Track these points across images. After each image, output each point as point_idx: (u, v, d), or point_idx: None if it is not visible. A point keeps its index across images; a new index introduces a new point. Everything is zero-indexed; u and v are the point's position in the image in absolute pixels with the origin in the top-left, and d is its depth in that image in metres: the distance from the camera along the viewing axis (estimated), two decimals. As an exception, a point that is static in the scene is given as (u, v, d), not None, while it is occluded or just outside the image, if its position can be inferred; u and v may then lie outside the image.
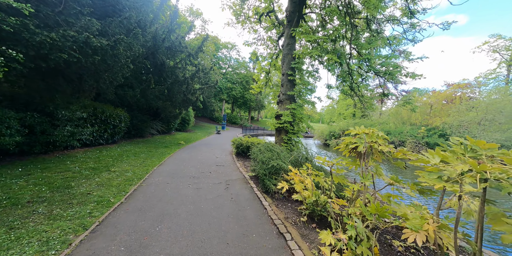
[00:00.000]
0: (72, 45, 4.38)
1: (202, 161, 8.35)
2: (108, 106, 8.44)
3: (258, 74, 12.11)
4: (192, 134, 19.58)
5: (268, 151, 6.01)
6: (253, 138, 12.08)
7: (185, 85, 13.23)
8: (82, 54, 4.58)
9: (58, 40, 4.05)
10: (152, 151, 9.12)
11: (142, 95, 11.03)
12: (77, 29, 4.44)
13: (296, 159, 5.83)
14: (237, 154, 10.64)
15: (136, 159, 7.19)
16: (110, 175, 5.03)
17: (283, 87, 8.39)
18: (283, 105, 8.40)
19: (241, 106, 49.43)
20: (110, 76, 5.45)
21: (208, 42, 38.37)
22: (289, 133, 8.21)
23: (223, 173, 6.71)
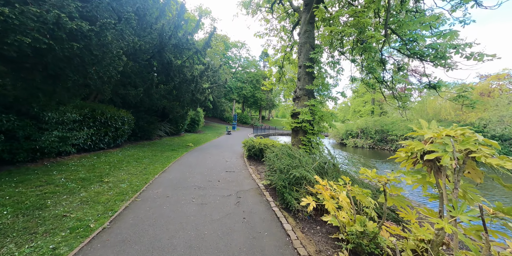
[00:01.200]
0: (39, 27, 3.59)
1: (211, 167, 7.50)
2: (110, 107, 7.82)
3: (270, 70, 11.11)
4: (201, 135, 18.94)
5: (286, 156, 5.01)
6: (265, 140, 11.11)
7: (194, 84, 12.50)
8: (55, 40, 3.79)
9: (14, 18, 3.31)
10: (157, 156, 8.40)
11: (146, 94, 10.39)
12: (48, 7, 3.69)
13: (321, 166, 4.79)
14: (249, 157, 9.72)
15: (137, 165, 6.45)
16: (101, 187, 4.26)
17: (300, 81, 7.34)
18: (300, 101, 7.35)
19: (252, 106, 48.61)
20: (100, 70, 4.71)
21: (217, 40, 37.86)
22: (308, 133, 7.15)
23: (233, 182, 5.79)
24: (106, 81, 5.57)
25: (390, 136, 20.24)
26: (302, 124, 6.97)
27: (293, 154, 5.08)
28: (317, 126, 6.95)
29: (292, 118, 7.65)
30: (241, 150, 12.21)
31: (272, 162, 4.93)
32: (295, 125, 7.17)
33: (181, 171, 6.50)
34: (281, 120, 64.50)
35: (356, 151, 22.19)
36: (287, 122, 7.79)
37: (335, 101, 7.03)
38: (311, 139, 7.20)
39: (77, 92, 5.26)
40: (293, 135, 7.67)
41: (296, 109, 7.29)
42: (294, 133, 7.62)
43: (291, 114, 7.60)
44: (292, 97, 7.76)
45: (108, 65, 4.83)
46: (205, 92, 14.31)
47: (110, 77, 5.46)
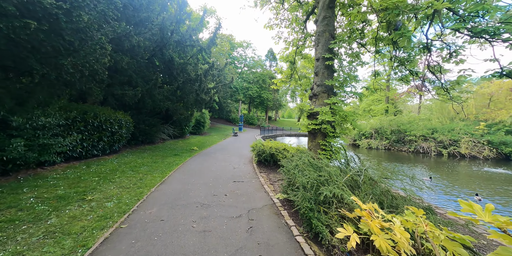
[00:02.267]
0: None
1: (216, 175, 6.61)
2: (105, 109, 7.07)
3: (279, 68, 10.14)
4: (207, 138, 18.15)
5: (309, 167, 4.04)
6: (276, 143, 10.15)
7: (198, 83, 11.69)
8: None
9: None
10: (157, 162, 7.58)
11: (148, 95, 9.64)
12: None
13: (355, 179, 3.79)
14: (259, 163, 8.78)
15: (133, 175, 5.62)
16: (80, 209, 3.43)
17: (317, 77, 6.36)
18: (318, 99, 6.36)
19: (258, 106, 47.71)
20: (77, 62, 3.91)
21: (223, 40, 37.19)
22: (328, 136, 6.16)
23: (243, 196, 4.87)
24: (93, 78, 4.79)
25: (408, 137, 18.84)
26: (322, 126, 5.98)
27: (317, 165, 4.11)
28: (339, 127, 5.94)
29: (309, 119, 6.66)
30: (249, 154, 11.30)
31: (292, 175, 3.96)
32: (313, 127, 6.19)
33: (183, 182, 5.62)
34: (288, 121, 63.27)
35: (371, 152, 20.89)
36: (302, 123, 6.82)
37: (360, 98, 6.00)
38: (331, 143, 6.19)
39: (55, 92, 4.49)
40: (310, 138, 6.69)
41: (313, 108, 6.30)
42: (311, 136, 6.63)
43: (308, 114, 6.62)
44: (308, 94, 6.78)
45: (87, 55, 4.01)
46: (210, 92, 13.50)
47: (94, 73, 4.66)
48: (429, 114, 19.90)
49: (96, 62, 4.40)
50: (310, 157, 4.66)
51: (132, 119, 10.10)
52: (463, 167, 13.67)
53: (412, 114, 21.41)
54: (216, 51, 31.12)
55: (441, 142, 17.09)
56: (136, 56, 8.01)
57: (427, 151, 17.64)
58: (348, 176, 3.76)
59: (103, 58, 4.56)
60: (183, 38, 11.63)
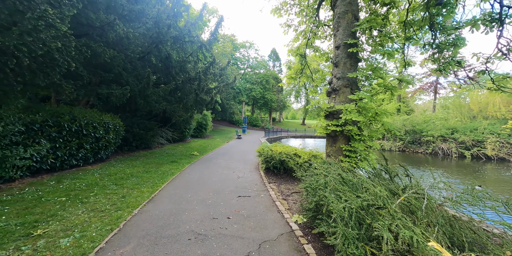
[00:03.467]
0: None
1: (218, 187, 5.53)
2: (87, 110, 6.08)
3: (288, 62, 9.06)
4: (209, 141, 17.14)
5: (341, 185, 2.91)
6: (285, 147, 9.03)
7: (197, 82, 10.70)
8: None
9: None
10: (150, 172, 6.54)
11: (141, 96, 8.67)
12: None
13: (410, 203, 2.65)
14: (267, 170, 7.67)
15: (115, 191, 4.57)
16: (15, 254, 2.37)
17: (337, 68, 5.25)
18: (339, 96, 5.25)
19: (262, 108, 46.70)
20: (9, 43, 2.91)
21: (225, 40, 36.39)
22: (353, 140, 5.03)
23: (251, 218, 3.77)
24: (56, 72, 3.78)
25: (425, 137, 17.46)
26: (346, 127, 4.86)
27: (352, 181, 2.98)
28: (368, 129, 4.80)
29: (327, 119, 5.55)
30: (255, 159, 10.21)
31: (324, 199, 2.80)
32: (333, 129, 5.06)
33: (176, 199, 4.55)
34: (292, 122, 62.02)
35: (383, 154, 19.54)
36: (319, 125, 5.70)
37: (392, 92, 4.86)
38: (357, 149, 5.06)
39: (2, 88, 3.48)
40: (329, 142, 5.56)
41: (334, 106, 5.19)
42: (330, 140, 5.50)
43: (326, 113, 5.50)
44: (326, 90, 5.67)
45: (24, 34, 3.00)
46: (211, 92, 12.49)
47: (54, 64, 3.65)
48: (446, 113, 18.47)
49: (44, 46, 3.38)
50: (340, 170, 3.52)
51: (125, 122, 9.14)
52: (496, 171, 12.29)
53: (428, 113, 20.01)
54: (219, 52, 30.27)
55: (463, 142, 15.69)
56: (125, 51, 7.06)
57: (447, 152, 16.26)
58: (401, 199, 2.63)
59: (54, 41, 3.52)
60: (181, 34, 10.67)
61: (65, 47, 3.77)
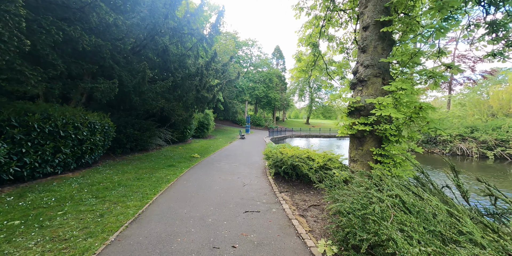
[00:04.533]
0: None
1: (220, 199, 4.62)
2: (65, 108, 5.19)
3: (297, 54, 8.12)
4: (211, 142, 16.26)
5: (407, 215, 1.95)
6: (295, 149, 8.11)
7: (198, 77, 9.81)
8: None
9: None
10: (142, 179, 5.67)
11: (135, 92, 7.81)
12: None
13: None
14: (276, 175, 6.74)
15: (92, 207, 3.68)
16: None
17: (365, 54, 4.29)
18: (366, 87, 4.29)
19: (265, 107, 45.74)
20: None
21: (227, 38, 35.49)
22: (386, 142, 4.08)
23: (263, 248, 2.85)
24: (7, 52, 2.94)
25: (441, 136, 16.31)
26: (380, 126, 3.90)
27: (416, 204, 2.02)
28: (407, 128, 3.82)
29: (351, 117, 4.59)
30: (261, 161, 9.28)
31: (384, 238, 1.82)
32: (361, 129, 4.09)
33: (168, 217, 3.65)
34: (296, 121, 60.95)
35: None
36: (341, 124, 4.74)
37: (435, 83, 3.88)
38: (391, 152, 4.09)
39: None
40: (354, 144, 4.60)
41: (360, 100, 4.23)
42: (355, 142, 4.54)
43: (349, 110, 4.54)
44: (349, 82, 4.70)
45: None
46: (213, 89, 11.59)
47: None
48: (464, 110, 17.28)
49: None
50: (407, 188, 2.55)
51: (117, 122, 8.29)
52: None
53: (444, 110, 18.78)
54: (221, 50, 29.40)
55: (485, 142, 14.53)
56: (114, 40, 6.20)
57: (466, 153, 15.10)
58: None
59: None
60: (179, 25, 9.79)
61: (11, 15, 2.91)
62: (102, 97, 5.79)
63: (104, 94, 5.75)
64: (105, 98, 5.86)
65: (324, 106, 53.96)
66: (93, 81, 5.72)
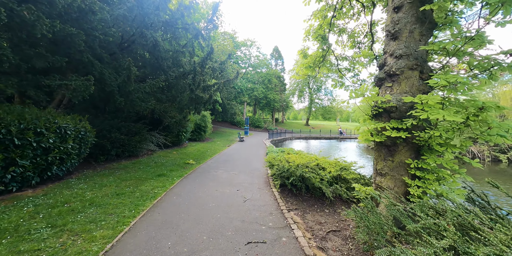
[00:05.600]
0: None
1: (215, 223, 3.70)
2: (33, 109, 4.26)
3: (303, 50, 7.27)
4: (209, 145, 15.33)
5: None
6: (301, 155, 7.25)
7: (192, 75, 8.92)
8: None
9: None
10: (123, 194, 4.73)
11: (121, 92, 6.89)
12: None
13: None
14: (282, 187, 5.84)
15: (38, 244, 2.75)
16: None
17: (397, 41, 3.43)
18: (399, 83, 3.43)
19: (264, 108, 44.95)
20: None
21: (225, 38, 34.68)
22: (428, 152, 3.21)
23: None
24: None
25: (450, 139, 15.48)
26: (423, 133, 3.02)
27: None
28: (460, 135, 2.94)
29: (377, 120, 3.73)
30: (262, 168, 8.39)
31: None
32: (394, 135, 3.20)
33: (146, 254, 2.72)
34: (295, 123, 60.17)
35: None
36: (362, 130, 3.87)
37: (492, 77, 3.03)
38: (432, 166, 3.22)
39: None
40: (381, 154, 3.72)
41: (389, 99, 3.35)
42: (383, 151, 3.66)
43: (375, 112, 3.66)
44: (375, 77, 3.82)
45: None
46: (209, 89, 10.69)
47: None
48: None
49: None
50: None
51: (102, 125, 7.36)
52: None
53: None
54: (219, 50, 28.54)
55: (497, 145, 13.77)
56: (92, 30, 5.29)
57: (478, 156, 14.31)
58: None
59: None
60: (172, 18, 8.92)
61: None
62: (73, 96, 4.84)
63: (76, 93, 4.80)
64: (76, 98, 4.92)
65: (324, 107, 53.28)
66: (63, 77, 4.80)
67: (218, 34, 33.28)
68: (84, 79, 4.84)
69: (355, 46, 7.25)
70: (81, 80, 4.76)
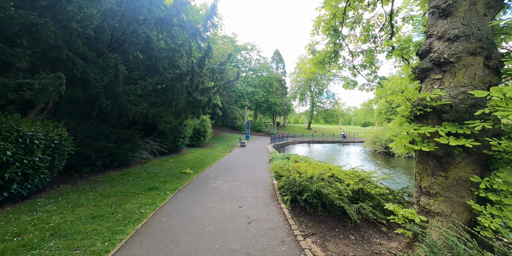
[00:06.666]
0: None
1: (212, 265, 2.81)
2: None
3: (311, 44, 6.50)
4: (208, 151, 14.46)
5: None
6: (313, 164, 6.38)
7: (189, 76, 8.15)
8: None
9: None
10: (100, 216, 3.86)
11: (107, 94, 6.10)
12: None
13: None
14: (293, 203, 4.93)
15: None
16: None
17: (449, 18, 2.62)
18: (453, 74, 2.60)
19: (265, 112, 44.14)
20: None
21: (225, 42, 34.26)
22: (504, 166, 2.32)
23: None
24: None
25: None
26: (504, 141, 2.16)
27: None
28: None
29: (421, 122, 2.89)
30: (267, 177, 7.49)
31: None
32: (453, 143, 2.32)
33: None
34: (297, 126, 59.29)
35: (411, 163, 16.71)
36: (404, 134, 3.00)
37: None
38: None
39: None
40: (427, 166, 2.85)
41: (440, 96, 2.51)
42: (431, 163, 2.80)
43: (418, 112, 2.80)
44: (416, 67, 2.98)
45: None
46: (208, 92, 9.91)
47: None
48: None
49: None
50: None
51: (86, 132, 6.54)
52: None
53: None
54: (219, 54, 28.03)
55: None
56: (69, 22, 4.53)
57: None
58: None
59: None
60: (168, 15, 8.22)
61: None
62: (37, 98, 3.96)
63: (42, 95, 3.97)
64: (42, 100, 4.07)
65: (326, 110, 52.44)
66: (29, 75, 4.01)
67: (218, 37, 32.88)
68: (53, 77, 4.04)
69: (369, 41, 6.48)
70: (49, 78, 3.96)
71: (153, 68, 9.14)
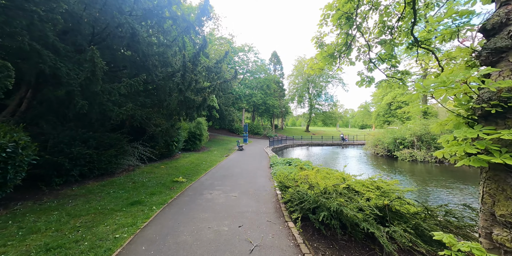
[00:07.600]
0: None
1: None
2: None
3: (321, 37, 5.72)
4: (204, 155, 13.54)
5: None
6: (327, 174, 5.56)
7: (181, 72, 7.32)
8: None
9: None
10: (57, 248, 2.97)
11: (84, 94, 5.23)
12: None
13: None
14: (303, 221, 4.08)
15: None
16: None
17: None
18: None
19: (263, 114, 43.47)
20: None
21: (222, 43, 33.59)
22: None
23: None
24: None
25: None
26: None
27: None
28: None
29: (485, 123, 2.06)
30: (270, 187, 6.62)
31: None
32: None
33: None
34: (295, 129, 58.64)
35: (415, 167, 16.04)
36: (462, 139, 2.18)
37: None
38: None
39: None
40: (506, 188, 2.02)
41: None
42: (502, 179, 1.97)
43: (484, 111, 2.00)
44: (483, 47, 2.21)
45: None
46: (203, 91, 9.07)
47: None
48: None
49: None
50: None
51: (59, 137, 5.62)
52: None
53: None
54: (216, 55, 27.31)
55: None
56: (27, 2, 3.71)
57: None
58: None
59: None
60: (158, 6, 7.41)
61: None
62: None
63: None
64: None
65: (324, 112, 51.92)
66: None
67: (215, 38, 32.20)
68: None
69: (385, 33, 5.74)
70: None
71: (142, 65, 8.27)
